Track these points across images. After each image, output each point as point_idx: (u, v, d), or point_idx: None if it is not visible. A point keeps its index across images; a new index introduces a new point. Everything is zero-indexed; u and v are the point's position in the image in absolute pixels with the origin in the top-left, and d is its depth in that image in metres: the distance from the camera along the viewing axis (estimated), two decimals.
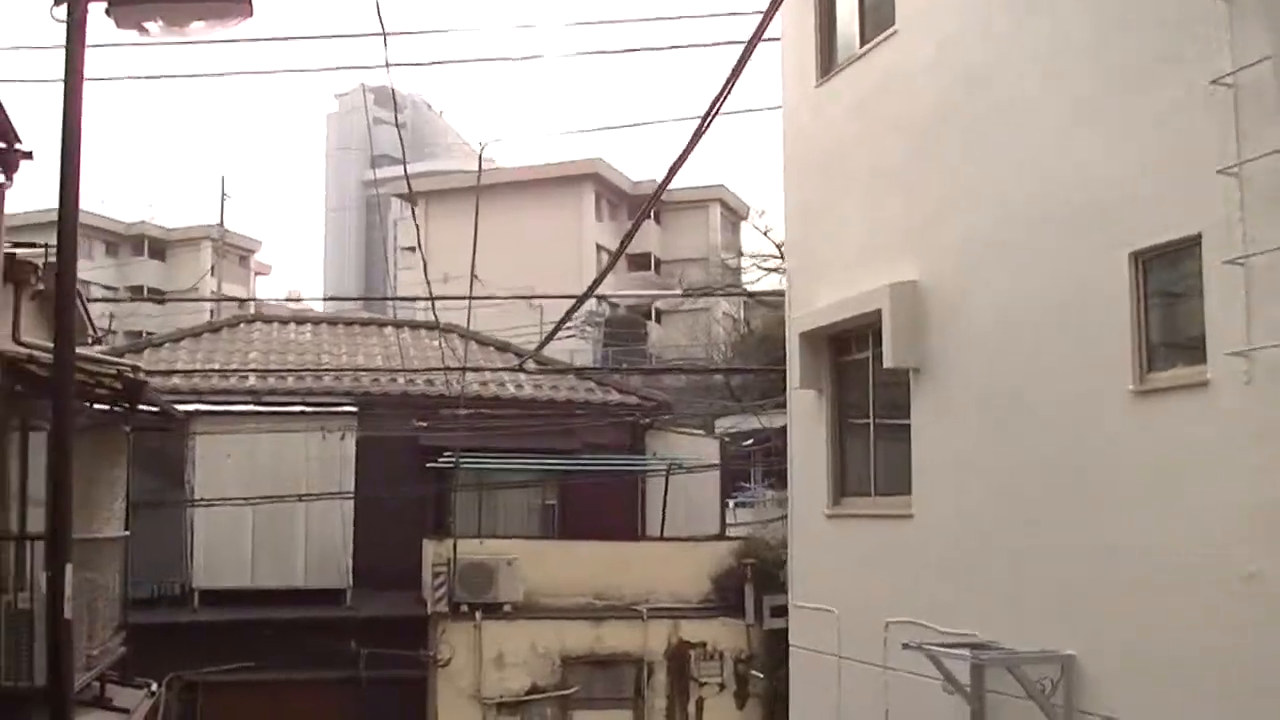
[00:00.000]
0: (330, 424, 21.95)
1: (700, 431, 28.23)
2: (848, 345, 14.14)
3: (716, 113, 13.31)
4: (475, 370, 21.43)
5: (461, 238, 21.62)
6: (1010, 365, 11.00)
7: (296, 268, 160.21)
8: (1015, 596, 10.75)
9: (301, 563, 21.91)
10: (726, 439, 26.90)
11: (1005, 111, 11.14)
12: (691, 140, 13.65)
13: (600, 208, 72.93)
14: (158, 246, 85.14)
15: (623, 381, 26.50)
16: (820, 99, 14.81)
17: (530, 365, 24.99)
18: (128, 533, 15.03)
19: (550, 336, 19.42)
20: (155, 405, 13.00)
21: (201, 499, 21.27)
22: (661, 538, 23.90)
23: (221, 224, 62.97)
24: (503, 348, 25.77)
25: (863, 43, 13.82)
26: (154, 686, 15.44)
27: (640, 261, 72.30)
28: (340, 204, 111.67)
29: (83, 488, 12.45)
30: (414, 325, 26.64)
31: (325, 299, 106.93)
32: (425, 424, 22.57)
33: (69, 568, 8.74)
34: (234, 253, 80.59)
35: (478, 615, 21.41)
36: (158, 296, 71.10)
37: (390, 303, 42.28)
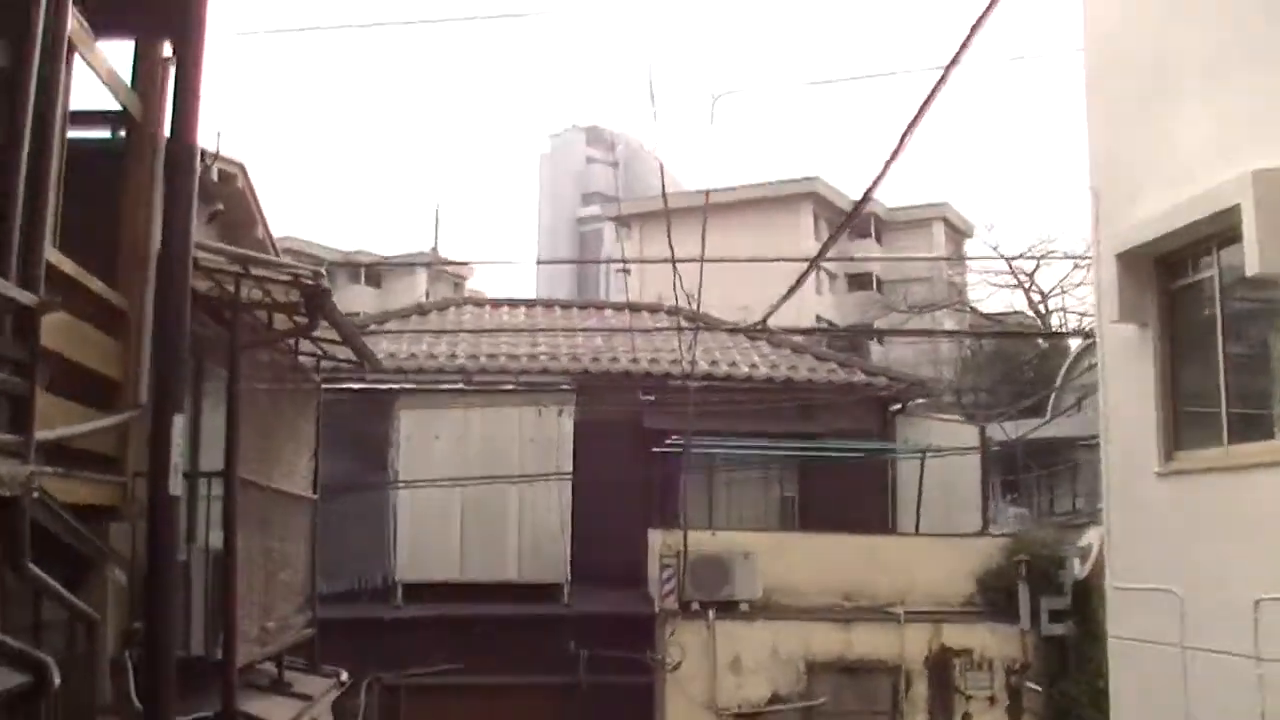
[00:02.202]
0: (546, 399, 19.84)
1: (958, 417, 25.40)
2: (1181, 264, 11.37)
3: (945, 79, 10.74)
4: (708, 329, 18.96)
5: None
6: None
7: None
8: None
9: (515, 555, 19.85)
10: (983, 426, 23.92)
11: None
12: (917, 114, 11.12)
13: (819, 228, 70.22)
14: (373, 273, 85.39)
15: (869, 361, 23.81)
16: None
17: (766, 349, 22.56)
18: (316, 496, 12.95)
19: (785, 298, 16.94)
20: (343, 331, 10.81)
21: (406, 481, 19.34)
22: (917, 533, 21.09)
23: (435, 248, 62.42)
24: (732, 331, 23.37)
25: None
26: (343, 676, 13.30)
27: (861, 281, 69.85)
28: (553, 229, 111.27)
29: (258, 434, 10.42)
30: (635, 307, 24.40)
31: (539, 263, 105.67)
32: (653, 397, 20.24)
33: (179, 421, 6.29)
34: (448, 278, 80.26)
35: (710, 614, 19.02)
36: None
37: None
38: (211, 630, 9.26)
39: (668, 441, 19.94)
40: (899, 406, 22.02)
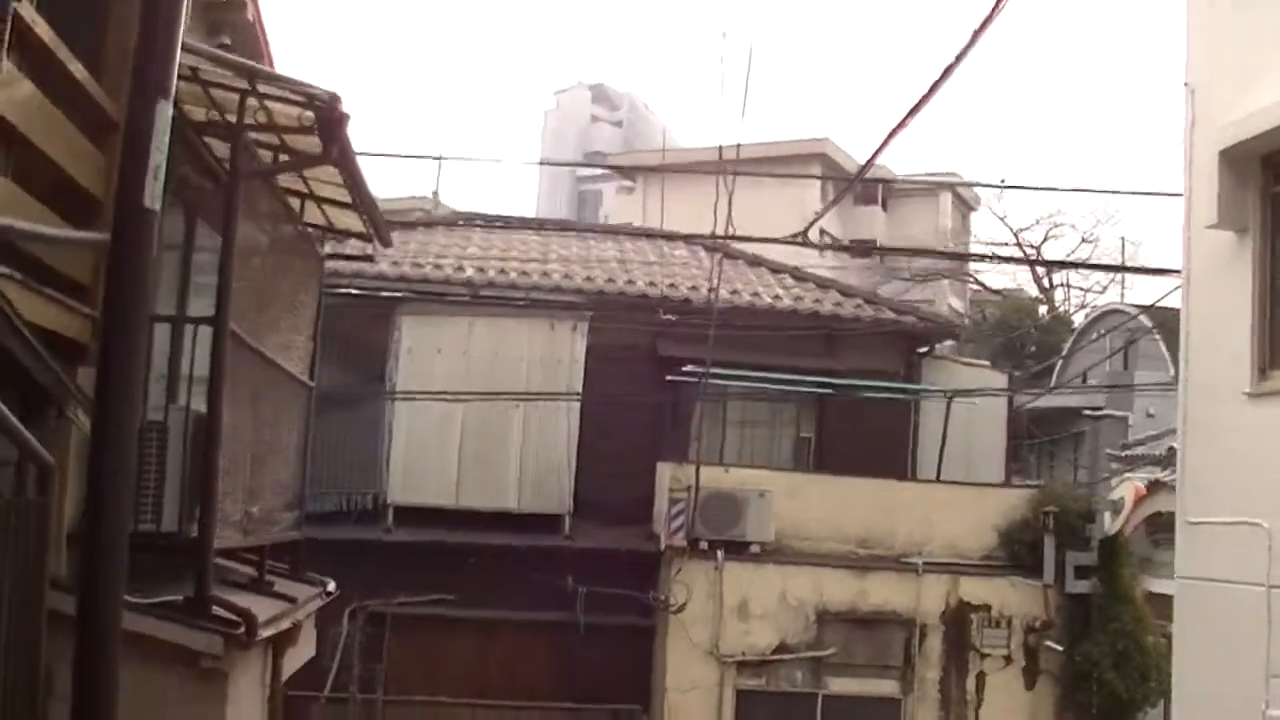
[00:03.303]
0: (560, 315, 18.69)
1: (985, 363, 24.24)
2: None
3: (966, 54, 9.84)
4: (739, 240, 17.68)
5: (679, 217, 19.49)
6: None
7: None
8: None
9: (515, 482, 18.76)
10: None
11: None
12: (929, 91, 10.33)
13: (825, 190, 68.99)
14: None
15: (896, 300, 22.70)
16: None
17: (790, 282, 21.39)
18: (313, 385, 11.78)
19: (829, 208, 15.79)
20: (357, 184, 9.56)
21: (403, 393, 18.19)
22: (938, 480, 19.94)
23: (436, 195, 61.16)
24: (754, 262, 22.17)
25: None
26: (330, 586, 12.15)
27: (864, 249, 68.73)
28: (553, 187, 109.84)
29: (253, 292, 9.20)
30: (651, 234, 23.18)
31: (541, 164, 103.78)
32: (674, 316, 19.06)
33: (164, 108, 4.63)
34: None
35: (719, 555, 17.90)
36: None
37: None
38: (187, 504, 8.08)
39: (683, 370, 18.74)
40: (926, 349, 20.83)
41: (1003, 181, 56.82)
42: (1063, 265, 46.81)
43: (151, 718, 7.71)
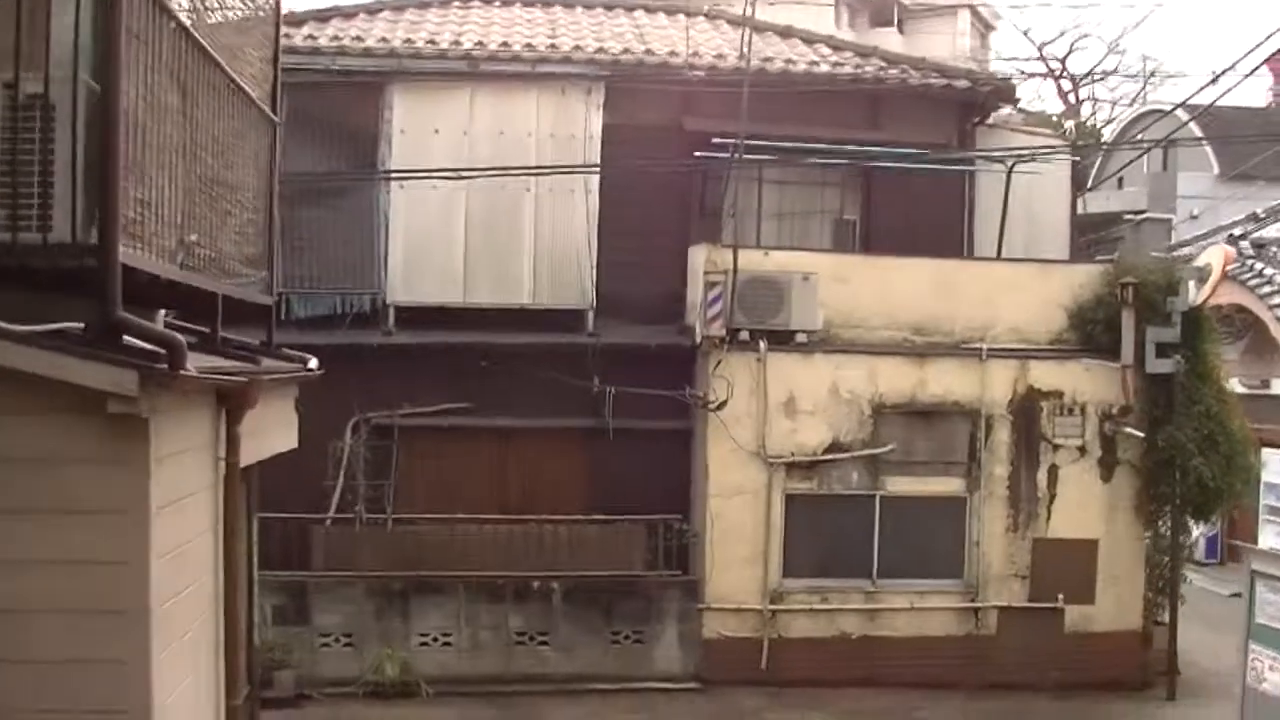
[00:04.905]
0: (572, 82, 16.68)
1: (1047, 131, 22.10)
2: None
3: None
4: None
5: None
6: None
7: None
8: None
9: (529, 275, 17.05)
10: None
11: None
12: None
13: (839, 11, 66.21)
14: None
15: (946, 64, 20.53)
16: None
17: (826, 50, 19.17)
18: (278, 119, 9.83)
19: None
20: None
21: (398, 172, 16.27)
22: (999, 258, 17.93)
23: None
24: (785, 33, 19.90)
25: None
26: (311, 363, 10.29)
27: None
28: None
29: None
30: (670, 10, 20.84)
31: None
32: (702, 72, 16.95)
33: None
34: None
35: (762, 346, 16.08)
36: None
37: None
38: (85, 206, 6.12)
39: (713, 144, 16.67)
40: (979, 118, 18.63)
41: None
42: None
43: (47, 484, 5.86)
